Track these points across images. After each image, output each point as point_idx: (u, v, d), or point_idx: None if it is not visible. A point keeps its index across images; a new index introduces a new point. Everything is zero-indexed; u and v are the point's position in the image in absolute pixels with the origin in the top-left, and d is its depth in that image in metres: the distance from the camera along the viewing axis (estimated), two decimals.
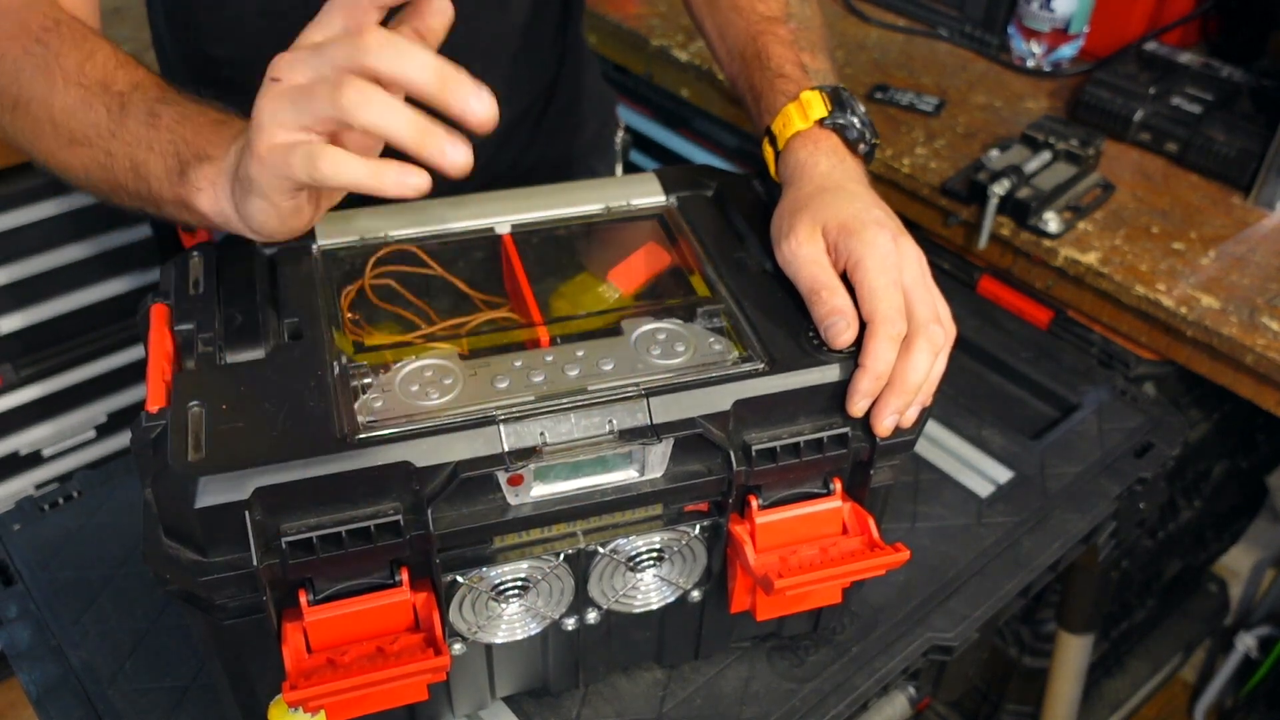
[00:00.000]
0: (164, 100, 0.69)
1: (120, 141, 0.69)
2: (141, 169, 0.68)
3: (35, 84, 0.72)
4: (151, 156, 0.67)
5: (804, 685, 0.77)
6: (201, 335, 0.65)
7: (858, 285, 0.66)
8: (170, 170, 0.67)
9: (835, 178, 0.73)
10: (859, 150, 0.76)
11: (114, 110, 0.69)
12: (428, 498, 0.59)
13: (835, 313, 0.66)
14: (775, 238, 0.72)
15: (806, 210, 0.70)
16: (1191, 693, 1.79)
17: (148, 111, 0.68)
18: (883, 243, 0.67)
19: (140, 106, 0.69)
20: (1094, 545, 0.97)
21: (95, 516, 0.88)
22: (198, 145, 0.66)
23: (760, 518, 0.67)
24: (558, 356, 0.66)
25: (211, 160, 0.65)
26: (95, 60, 0.71)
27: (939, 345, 0.66)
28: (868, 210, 0.69)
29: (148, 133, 0.68)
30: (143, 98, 0.70)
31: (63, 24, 0.74)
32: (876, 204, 0.71)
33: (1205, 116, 1.21)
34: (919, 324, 0.66)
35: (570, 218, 0.78)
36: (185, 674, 0.77)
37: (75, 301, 1.48)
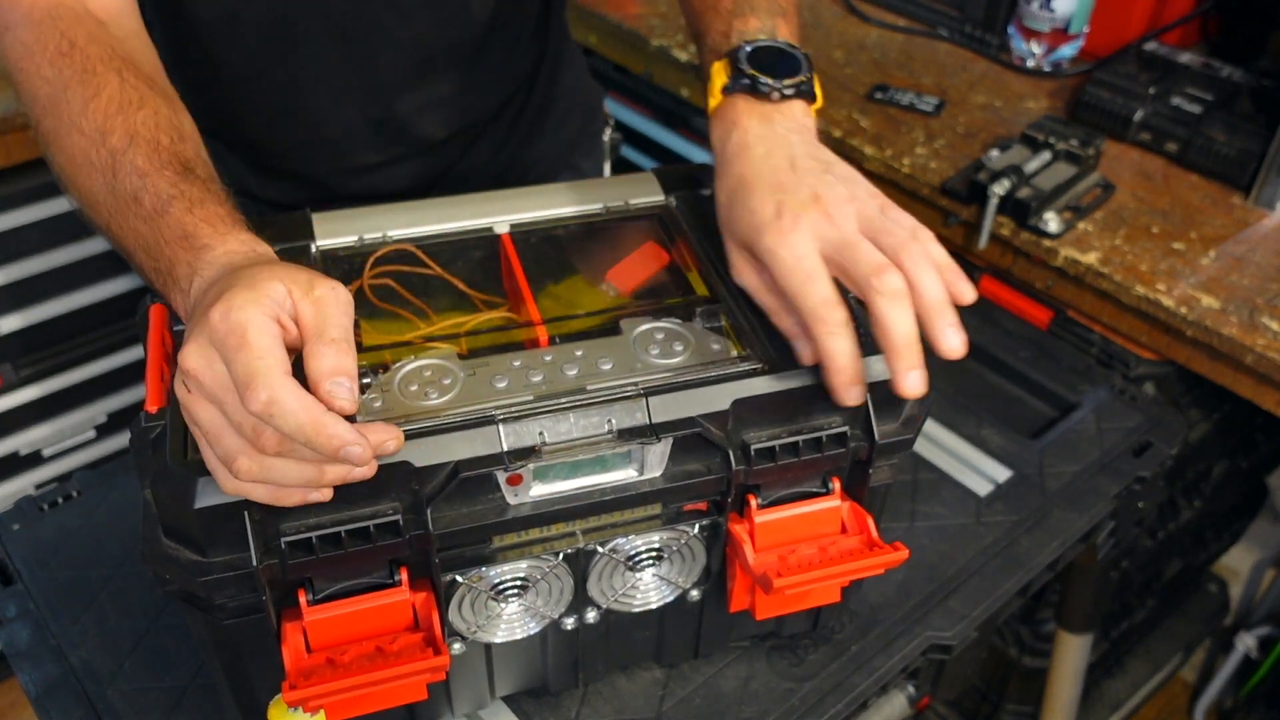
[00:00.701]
0: (147, 175, 0.64)
1: (115, 222, 0.65)
2: (133, 259, 0.65)
3: (46, 119, 0.69)
4: (137, 251, 0.64)
5: (803, 684, 0.77)
6: None
7: (782, 294, 0.64)
8: (150, 272, 0.64)
9: (743, 156, 0.68)
10: (774, 99, 0.72)
11: (108, 178, 0.65)
12: (427, 497, 0.59)
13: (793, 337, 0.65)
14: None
15: (726, 229, 0.68)
16: (1191, 693, 1.79)
17: (132, 194, 0.64)
18: (781, 233, 0.62)
19: (127, 182, 0.64)
20: (1093, 544, 0.97)
21: (95, 516, 0.88)
22: (169, 262, 0.62)
23: (759, 517, 0.67)
24: (556, 356, 0.66)
25: (180, 289, 0.61)
26: (98, 101, 0.67)
27: (897, 289, 0.60)
28: (768, 195, 0.64)
29: (133, 222, 0.64)
30: (131, 168, 0.65)
31: (77, 47, 0.69)
32: (781, 167, 0.66)
33: (1205, 116, 1.21)
34: (864, 283, 0.60)
35: (569, 217, 0.78)
36: (185, 674, 0.77)
37: (75, 301, 1.48)
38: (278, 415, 0.51)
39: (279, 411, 0.50)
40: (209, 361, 0.53)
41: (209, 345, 0.53)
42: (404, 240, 0.75)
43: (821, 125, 1.27)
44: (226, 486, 0.55)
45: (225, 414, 0.53)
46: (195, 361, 0.53)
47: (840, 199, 0.64)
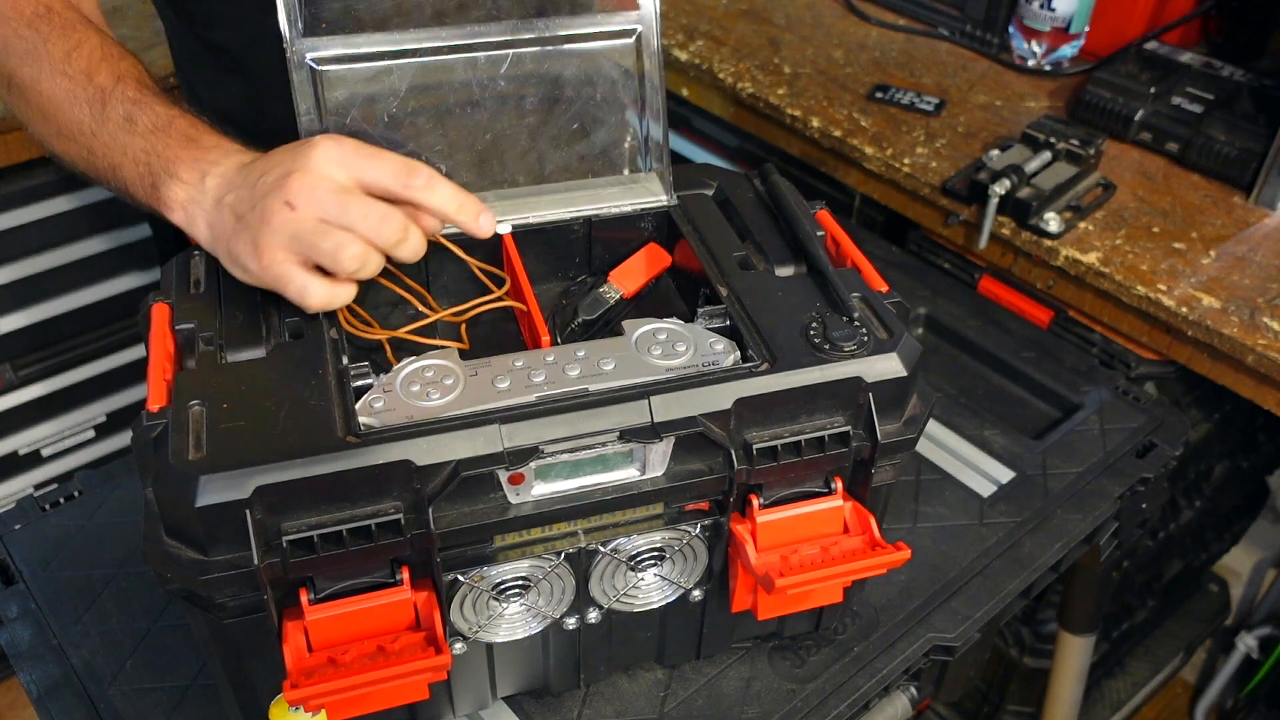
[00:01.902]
0: (140, 103, 0.72)
1: (100, 142, 0.71)
2: (118, 171, 0.71)
3: (24, 68, 0.75)
4: (125, 162, 0.70)
5: (805, 685, 0.77)
6: (202, 334, 0.65)
7: None
8: (142, 178, 0.70)
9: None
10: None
11: (95, 107, 0.72)
12: (429, 496, 0.59)
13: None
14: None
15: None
16: (1192, 693, 1.79)
17: (125, 115, 0.71)
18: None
19: (118, 108, 0.71)
20: (1096, 545, 0.97)
21: (95, 516, 0.88)
22: (167, 160, 0.69)
23: (761, 517, 0.67)
24: (558, 357, 0.66)
25: (181, 183, 0.68)
26: (82, 50, 0.73)
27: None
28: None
29: (123, 138, 0.71)
30: (122, 97, 0.72)
31: (54, 11, 0.76)
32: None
33: (1206, 116, 1.21)
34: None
35: (571, 218, 0.78)
36: (185, 673, 0.77)
37: (75, 301, 1.48)
38: (437, 188, 0.66)
39: (438, 185, 0.66)
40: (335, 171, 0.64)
41: (330, 163, 0.64)
42: None
43: (822, 125, 1.28)
44: (311, 302, 0.64)
45: (340, 215, 0.64)
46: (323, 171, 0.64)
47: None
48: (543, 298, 0.76)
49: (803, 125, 1.29)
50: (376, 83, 0.74)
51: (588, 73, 0.78)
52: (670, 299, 0.80)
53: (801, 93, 1.33)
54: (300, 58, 0.71)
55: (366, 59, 0.73)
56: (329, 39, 0.72)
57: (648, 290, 0.80)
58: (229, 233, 0.66)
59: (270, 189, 0.64)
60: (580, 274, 0.81)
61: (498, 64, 0.76)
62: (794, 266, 0.74)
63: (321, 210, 0.64)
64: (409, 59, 0.74)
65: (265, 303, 0.68)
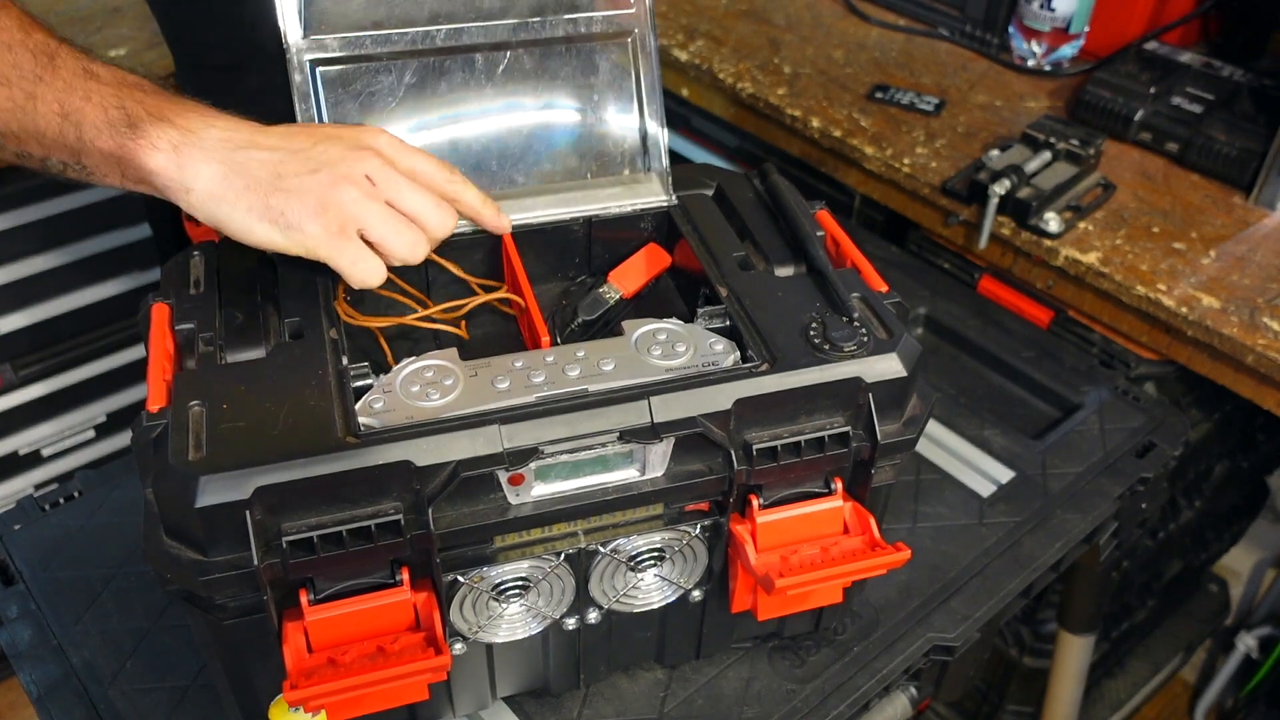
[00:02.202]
0: (96, 61, 0.70)
1: (48, 86, 0.67)
2: (73, 115, 0.67)
3: None
4: (88, 105, 0.67)
5: (805, 685, 0.77)
6: (202, 335, 0.65)
7: None
8: (114, 121, 0.66)
9: None
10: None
11: (41, 57, 0.68)
12: (428, 497, 0.59)
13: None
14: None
15: None
16: (1192, 693, 1.79)
17: (83, 67, 0.69)
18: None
19: (72, 60, 0.69)
20: (1095, 545, 0.97)
21: (95, 516, 0.88)
22: (152, 105, 0.67)
23: (761, 517, 0.67)
24: (558, 357, 0.66)
25: (177, 127, 0.66)
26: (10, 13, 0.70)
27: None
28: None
29: (84, 83, 0.68)
30: (73, 53, 0.70)
31: None
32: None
33: (1206, 116, 1.21)
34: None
35: (571, 218, 0.78)
36: (185, 674, 0.77)
37: (75, 301, 1.48)
38: (470, 186, 0.72)
39: (470, 183, 0.72)
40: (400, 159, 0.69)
41: (397, 151, 0.69)
42: None
43: (822, 125, 1.28)
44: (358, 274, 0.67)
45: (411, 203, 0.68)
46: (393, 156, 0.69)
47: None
48: (542, 298, 0.76)
49: (803, 125, 1.29)
50: (375, 83, 0.74)
51: (586, 72, 0.78)
52: (670, 299, 0.80)
53: (801, 93, 1.33)
54: (300, 58, 0.71)
55: (365, 59, 0.73)
56: (328, 39, 0.72)
57: (647, 290, 0.80)
58: (264, 187, 0.65)
59: (341, 158, 0.66)
60: (580, 274, 0.81)
61: (496, 64, 0.77)
62: (794, 266, 0.74)
63: (397, 194, 0.68)
64: (407, 59, 0.74)
65: (265, 303, 0.68)
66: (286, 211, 0.65)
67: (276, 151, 0.66)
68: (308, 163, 0.66)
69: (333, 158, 0.67)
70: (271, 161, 0.66)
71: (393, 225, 0.67)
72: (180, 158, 0.66)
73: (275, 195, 0.65)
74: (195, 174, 0.66)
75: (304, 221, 0.65)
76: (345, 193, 0.66)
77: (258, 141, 0.67)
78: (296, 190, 0.65)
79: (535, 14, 0.76)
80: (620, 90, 0.79)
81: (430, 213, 0.69)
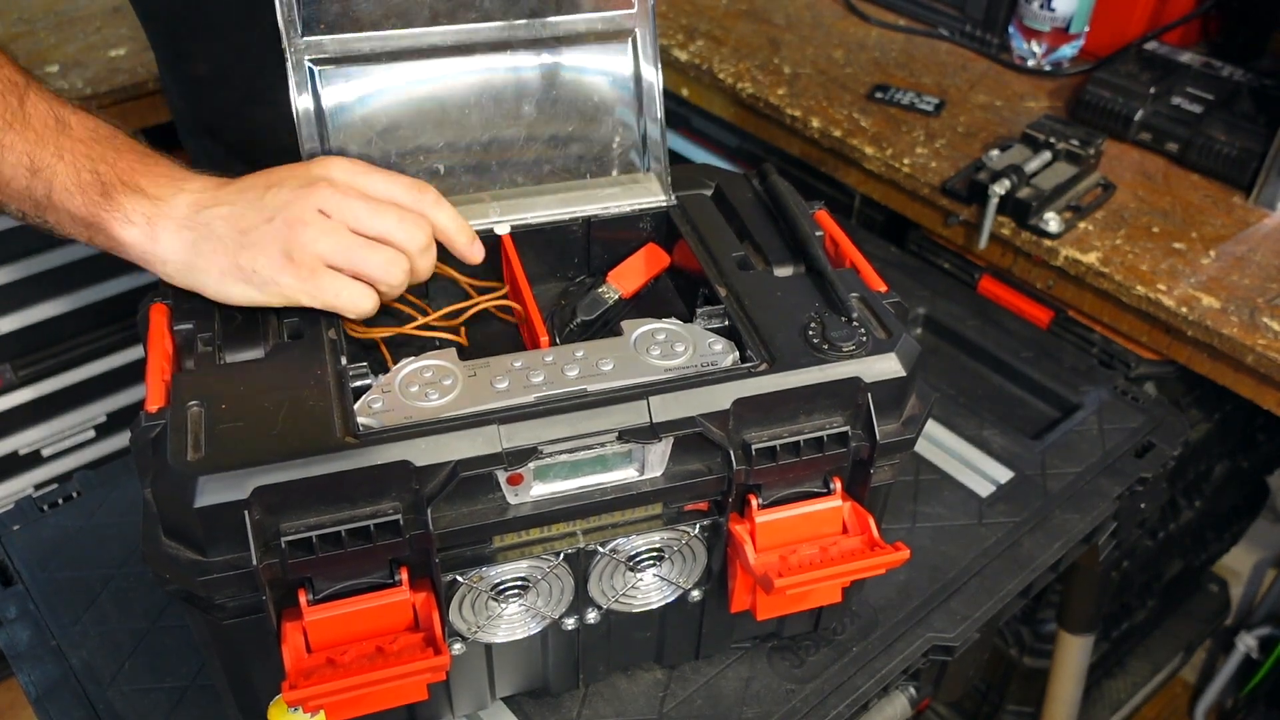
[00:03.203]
0: (65, 106, 0.67)
1: (19, 136, 0.65)
2: (44, 171, 0.65)
3: None
4: (60, 164, 0.65)
5: (804, 685, 0.77)
6: (201, 335, 0.65)
7: None
8: (85, 185, 0.65)
9: None
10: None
11: (10, 97, 0.66)
12: (427, 497, 0.59)
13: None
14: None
15: None
16: (1192, 693, 1.79)
17: (54, 116, 0.66)
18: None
19: (42, 105, 0.66)
20: (1095, 545, 0.97)
21: (95, 517, 0.88)
22: (123, 170, 0.66)
23: (760, 517, 0.67)
24: (557, 357, 0.65)
25: (149, 198, 0.65)
26: None
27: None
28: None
29: (56, 136, 0.66)
30: (43, 94, 0.67)
31: None
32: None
33: (1206, 116, 1.21)
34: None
35: (570, 218, 0.78)
36: (185, 674, 0.77)
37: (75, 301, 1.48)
38: (444, 207, 0.69)
39: (444, 204, 0.70)
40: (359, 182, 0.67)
41: (353, 174, 0.67)
42: None
43: (822, 125, 1.28)
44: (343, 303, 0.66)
45: (375, 222, 0.66)
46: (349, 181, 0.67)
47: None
48: (541, 298, 0.76)
49: (803, 125, 1.29)
50: (374, 83, 0.74)
51: (585, 73, 0.78)
52: (669, 299, 0.80)
53: (801, 93, 1.33)
54: (299, 58, 0.71)
55: (364, 59, 0.73)
56: (327, 39, 0.72)
57: (646, 290, 0.80)
58: (231, 248, 0.64)
59: (291, 200, 0.64)
60: (579, 274, 0.81)
61: (496, 64, 0.76)
62: (793, 266, 0.74)
63: (355, 219, 0.65)
64: (407, 59, 0.74)
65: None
66: (257, 268, 0.64)
67: (236, 205, 0.65)
68: (263, 211, 0.65)
69: (284, 200, 0.65)
70: (232, 217, 0.65)
71: (360, 251, 0.66)
72: (154, 230, 0.65)
73: (242, 253, 0.64)
74: (169, 247, 0.65)
75: (275, 275, 0.64)
76: (303, 234, 0.64)
77: (220, 198, 0.66)
78: (259, 243, 0.64)
79: (535, 14, 0.76)
80: (620, 90, 0.79)
81: (395, 228, 0.67)
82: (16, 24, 1.43)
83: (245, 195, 0.66)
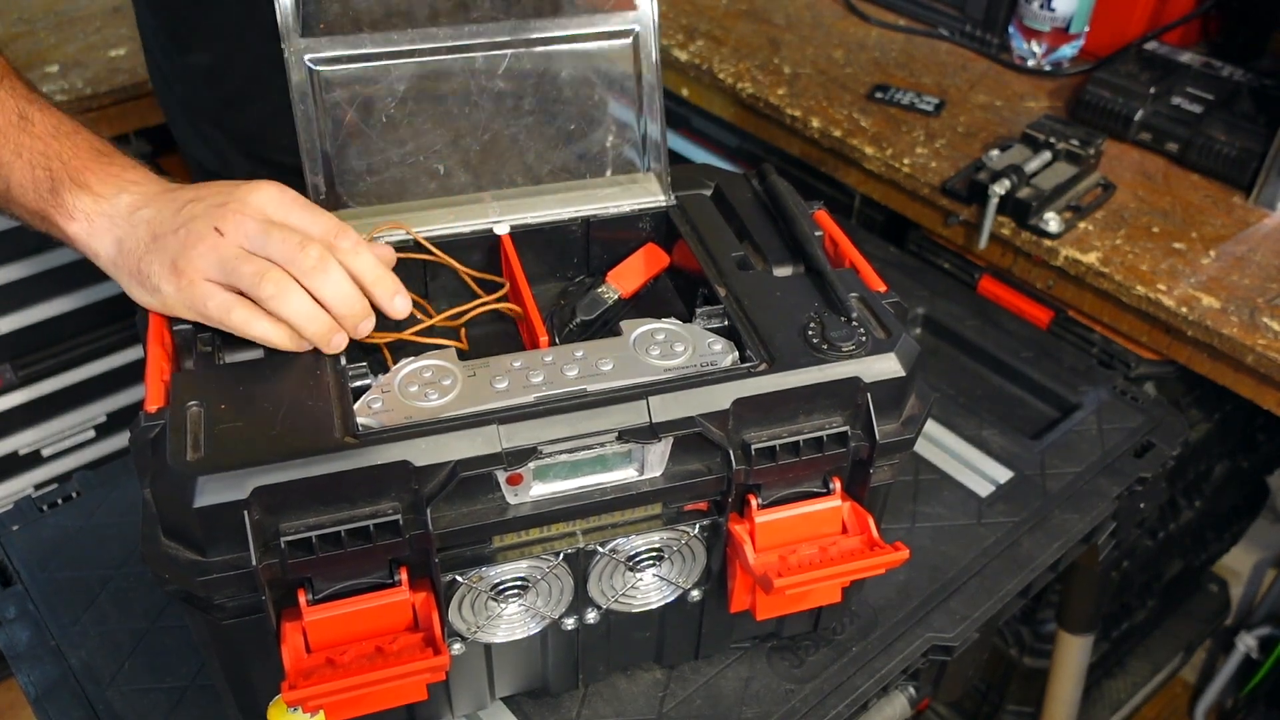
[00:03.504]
0: (33, 102, 0.69)
1: None
2: (3, 169, 0.68)
3: None
4: (18, 162, 0.68)
5: (804, 685, 0.77)
6: (200, 335, 0.65)
7: None
8: (38, 182, 0.67)
9: None
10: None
11: None
12: (427, 497, 0.59)
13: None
14: None
15: None
16: (1192, 693, 1.79)
17: (18, 112, 0.69)
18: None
19: (10, 102, 0.69)
20: (1094, 545, 0.97)
21: (94, 517, 0.88)
22: (75, 168, 0.67)
23: (760, 517, 0.67)
24: (557, 357, 0.65)
25: (93, 195, 0.67)
26: None
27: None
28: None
29: (17, 135, 0.68)
30: (12, 91, 0.69)
31: None
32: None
33: (1206, 116, 1.21)
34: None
35: (569, 218, 0.78)
36: (185, 674, 0.77)
37: (75, 301, 1.48)
38: (361, 254, 0.65)
39: (363, 251, 0.65)
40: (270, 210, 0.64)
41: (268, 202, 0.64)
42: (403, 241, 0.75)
43: (822, 125, 1.28)
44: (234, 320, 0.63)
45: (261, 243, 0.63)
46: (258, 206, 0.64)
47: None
48: (541, 298, 0.76)
49: (803, 125, 1.29)
50: (374, 83, 0.74)
51: (586, 73, 0.78)
52: (668, 299, 0.80)
53: (801, 93, 1.33)
54: (298, 58, 0.71)
55: (364, 59, 0.73)
56: (327, 39, 0.72)
57: (646, 290, 0.80)
58: (140, 250, 0.65)
59: (200, 214, 0.64)
60: (578, 274, 0.81)
61: (496, 64, 0.76)
62: (792, 266, 0.74)
63: (246, 238, 0.63)
64: (407, 59, 0.74)
65: None
66: (150, 274, 0.65)
67: (161, 211, 0.66)
68: (174, 221, 0.65)
69: (193, 214, 0.64)
70: (154, 222, 0.65)
71: (235, 263, 0.63)
72: (91, 226, 0.67)
73: (145, 257, 0.65)
74: (100, 243, 0.67)
75: (160, 282, 0.64)
76: (192, 247, 0.63)
77: (151, 202, 0.67)
78: (158, 251, 0.64)
79: (537, 13, 0.76)
80: (621, 90, 0.79)
81: (290, 250, 0.63)
82: (16, 24, 1.43)
83: (172, 203, 0.66)
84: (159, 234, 0.65)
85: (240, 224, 0.64)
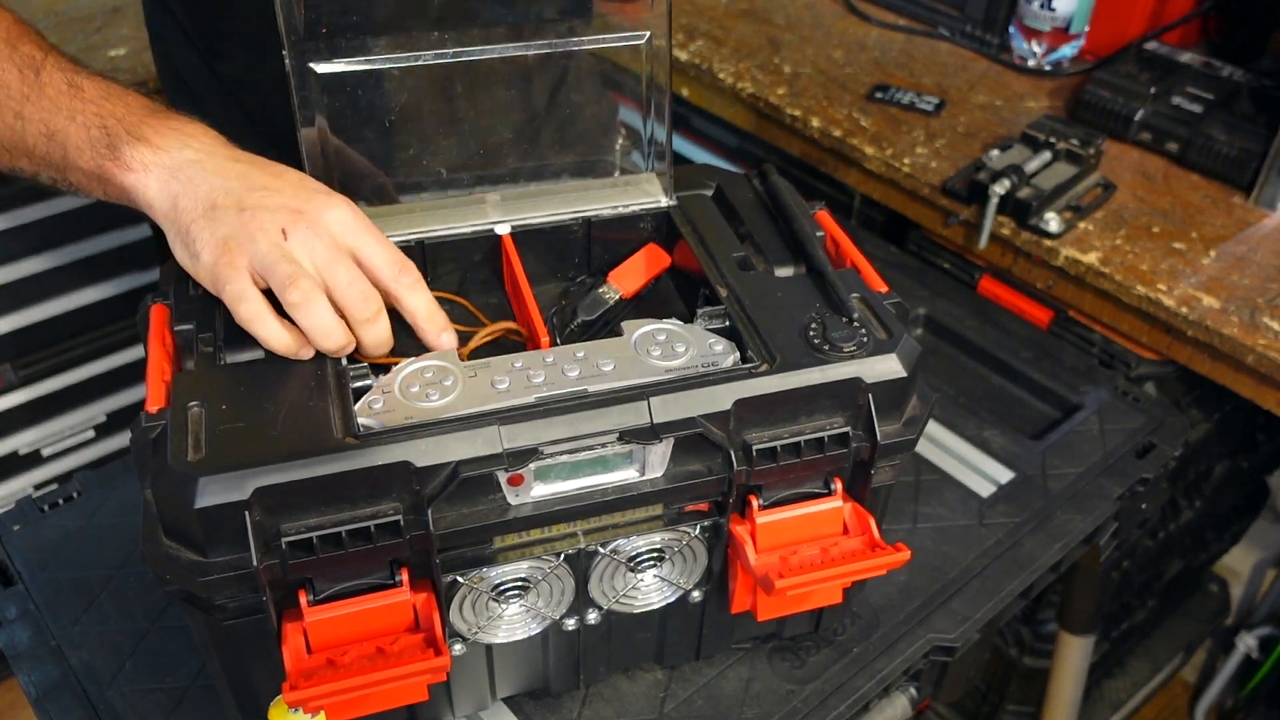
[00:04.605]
0: (80, 73, 0.70)
1: (35, 105, 0.68)
2: (58, 135, 0.68)
3: None
4: (73, 125, 0.68)
5: (805, 686, 0.77)
6: (201, 335, 0.65)
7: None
8: (95, 141, 0.67)
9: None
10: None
11: (28, 73, 0.69)
12: (428, 498, 0.59)
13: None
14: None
15: None
16: (1192, 693, 1.79)
17: (67, 81, 0.69)
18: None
19: (57, 74, 0.69)
20: (1095, 546, 0.97)
21: (95, 517, 0.88)
22: (131, 124, 0.67)
23: (761, 517, 0.67)
24: (558, 358, 0.65)
25: (151, 146, 0.67)
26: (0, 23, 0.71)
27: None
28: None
29: (69, 101, 0.68)
30: (59, 65, 0.70)
31: None
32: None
33: (1206, 116, 1.21)
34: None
35: (570, 219, 0.78)
36: (185, 674, 0.77)
37: (75, 301, 1.48)
38: (420, 291, 0.67)
39: (421, 289, 0.67)
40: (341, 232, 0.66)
41: (341, 224, 0.65)
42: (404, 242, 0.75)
43: (822, 125, 1.28)
44: (241, 312, 0.63)
45: (328, 270, 0.64)
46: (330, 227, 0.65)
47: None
48: (542, 298, 0.76)
49: (803, 125, 1.29)
50: (377, 87, 0.74)
51: (590, 74, 0.78)
52: (669, 300, 0.80)
53: (801, 93, 1.33)
54: (300, 62, 0.71)
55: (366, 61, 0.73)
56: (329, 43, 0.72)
57: (647, 291, 0.80)
58: (195, 213, 0.65)
59: (271, 208, 0.64)
60: (579, 274, 0.81)
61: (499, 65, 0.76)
62: (793, 267, 0.74)
63: (312, 256, 0.64)
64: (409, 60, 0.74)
65: None
66: (197, 238, 0.64)
67: (229, 181, 0.65)
68: (243, 199, 0.64)
69: (266, 205, 0.64)
70: (216, 191, 0.65)
71: (279, 262, 0.63)
72: (147, 176, 0.66)
73: (198, 222, 0.64)
74: (157, 194, 0.66)
75: (202, 249, 0.64)
76: (253, 237, 0.63)
77: (222, 169, 0.66)
78: (214, 223, 0.64)
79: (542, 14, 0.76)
80: (626, 91, 0.79)
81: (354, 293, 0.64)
82: None
83: (242, 178, 0.66)
84: (219, 204, 0.64)
85: (307, 241, 0.64)
